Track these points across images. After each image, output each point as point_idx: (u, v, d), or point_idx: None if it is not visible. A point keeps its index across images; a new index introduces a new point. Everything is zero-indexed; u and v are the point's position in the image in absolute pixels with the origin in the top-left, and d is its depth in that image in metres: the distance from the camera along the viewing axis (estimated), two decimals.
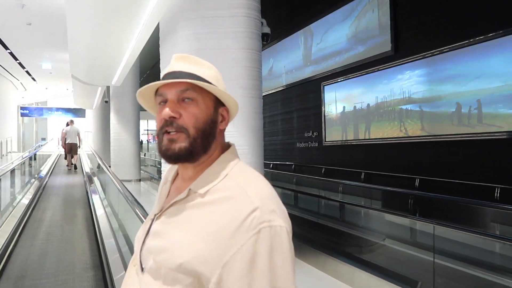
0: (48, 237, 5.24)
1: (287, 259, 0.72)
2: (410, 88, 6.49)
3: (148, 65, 14.80)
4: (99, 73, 7.46)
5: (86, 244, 4.91)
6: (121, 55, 5.87)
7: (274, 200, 0.77)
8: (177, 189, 0.89)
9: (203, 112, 0.83)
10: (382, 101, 7.10)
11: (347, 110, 8.05)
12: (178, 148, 0.81)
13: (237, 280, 0.69)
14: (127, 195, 4.13)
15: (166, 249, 0.78)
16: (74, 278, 3.75)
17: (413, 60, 6.30)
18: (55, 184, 10.56)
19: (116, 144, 11.70)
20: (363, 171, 7.28)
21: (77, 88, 12.58)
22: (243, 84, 3.78)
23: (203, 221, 0.76)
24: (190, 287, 0.74)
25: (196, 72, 0.84)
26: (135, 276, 0.86)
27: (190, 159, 0.83)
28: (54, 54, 11.08)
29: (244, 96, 3.78)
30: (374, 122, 7.29)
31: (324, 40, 8.53)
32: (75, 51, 6.52)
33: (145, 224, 0.91)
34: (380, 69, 6.96)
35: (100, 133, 16.56)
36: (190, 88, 0.82)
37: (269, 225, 0.71)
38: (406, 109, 6.57)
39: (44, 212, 6.85)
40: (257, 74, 3.91)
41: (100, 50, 6.08)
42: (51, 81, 16.53)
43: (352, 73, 7.75)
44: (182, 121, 0.81)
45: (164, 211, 0.85)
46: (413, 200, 4.96)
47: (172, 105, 0.82)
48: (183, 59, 0.87)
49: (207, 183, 0.81)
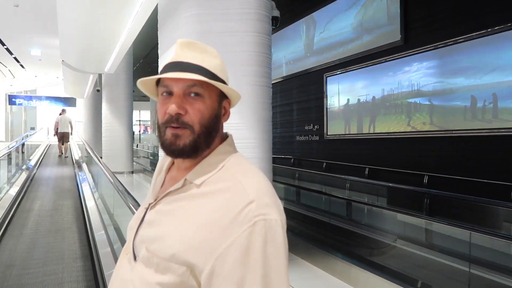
0: (37, 226, 5.17)
1: (281, 253, 0.72)
2: (419, 80, 6.20)
3: (142, 54, 14.33)
4: (91, 59, 7.01)
5: (76, 234, 4.81)
6: (116, 39, 5.47)
7: (270, 193, 0.77)
8: (172, 178, 0.88)
9: (208, 108, 0.81)
10: (389, 94, 6.81)
11: (351, 102, 7.74)
12: (183, 144, 0.80)
13: (230, 271, 0.69)
14: (118, 185, 3.95)
15: (160, 238, 0.78)
16: (64, 267, 3.74)
17: (424, 50, 5.99)
18: (43, 176, 10.14)
19: (108, 134, 11.30)
20: (367, 167, 7.00)
21: (67, 75, 12.11)
22: (251, 71, 3.45)
23: (198, 212, 0.76)
24: (182, 276, 0.73)
25: (202, 63, 0.81)
26: (127, 264, 0.85)
27: (194, 155, 0.82)
28: (43, 39, 10.58)
29: (251, 85, 3.44)
30: (379, 115, 7.00)
31: (328, 29, 8.18)
32: (66, 35, 6.10)
33: (139, 213, 0.90)
34: (388, 60, 6.65)
35: (91, 123, 16.09)
36: (197, 83, 0.79)
37: (264, 218, 0.71)
38: (415, 102, 6.28)
39: (33, 202, 6.68)
40: (266, 60, 3.57)
41: (93, 34, 5.66)
42: (41, 68, 15.96)
43: (357, 64, 7.43)
44: (189, 118, 0.80)
45: (158, 200, 0.85)
46: (428, 199, 4.68)
47: (178, 101, 0.79)
48: (188, 46, 0.84)
49: (203, 174, 0.80)
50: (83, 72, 9.68)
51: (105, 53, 6.06)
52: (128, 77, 11.32)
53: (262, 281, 0.69)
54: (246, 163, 0.85)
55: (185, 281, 0.73)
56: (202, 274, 0.71)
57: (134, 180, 10.54)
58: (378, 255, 4.11)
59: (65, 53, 7.02)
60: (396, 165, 6.46)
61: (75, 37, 5.99)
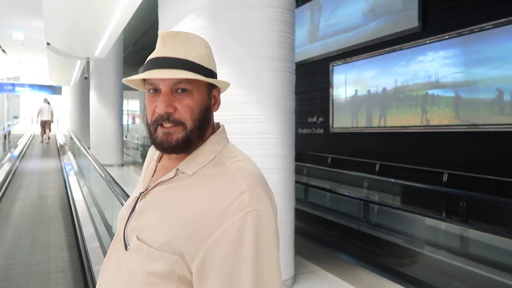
0: (22, 217, 5.13)
1: (272, 243, 0.73)
2: (438, 70, 5.74)
3: (131, 40, 13.60)
4: (80, 41, 6.34)
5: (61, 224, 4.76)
6: (109, 17, 4.85)
7: (262, 184, 0.78)
8: (163, 167, 0.88)
9: (198, 102, 0.80)
10: (402, 85, 6.34)
11: (359, 93, 7.27)
12: (175, 141, 0.79)
13: (221, 261, 0.69)
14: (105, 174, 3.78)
15: (151, 227, 0.78)
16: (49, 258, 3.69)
17: (446, 38, 5.52)
18: (26, 169, 9.49)
19: (97, 125, 10.66)
20: (377, 162, 6.56)
21: (53, 61, 11.36)
22: (273, 54, 2.92)
23: (190, 201, 0.76)
24: (173, 265, 0.73)
25: (187, 56, 0.79)
26: (118, 253, 0.83)
27: (187, 150, 0.81)
28: (26, 21, 9.81)
29: (273, 70, 2.92)
30: (391, 108, 6.54)
31: (335, 15, 7.65)
32: (52, 13, 5.45)
33: (129, 202, 0.89)
34: (403, 48, 6.17)
35: (78, 113, 15.35)
36: (184, 79, 0.78)
37: (256, 209, 0.72)
38: (433, 94, 5.83)
39: (18, 192, 6.58)
40: (290, 41, 3.05)
41: (82, 11, 5.03)
42: (24, 53, 15.07)
43: (367, 53, 6.94)
44: (179, 115, 0.79)
45: (150, 190, 0.84)
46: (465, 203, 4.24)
47: (166, 99, 0.78)
48: (171, 38, 0.81)
49: (196, 164, 0.80)
50: (70, 57, 8.98)
51: (95, 34, 5.42)
52: (118, 64, 10.65)
53: (253, 271, 0.69)
54: (239, 153, 0.84)
55: (176, 269, 0.73)
56: (194, 263, 0.72)
57: (125, 174, 9.95)
58: (409, 265, 3.66)
59: (51, 35, 6.34)
60: (410, 161, 6.02)
61: (62, 15, 5.35)
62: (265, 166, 2.88)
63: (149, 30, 11.96)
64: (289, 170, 3.01)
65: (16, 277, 3.27)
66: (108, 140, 10.42)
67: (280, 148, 2.93)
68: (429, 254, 3.75)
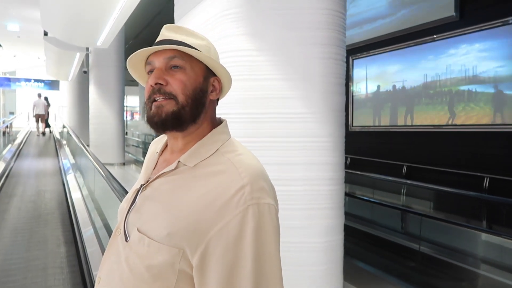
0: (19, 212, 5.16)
1: (272, 237, 0.73)
2: (476, 64, 5.20)
3: (132, 34, 12.99)
4: (81, 28, 5.72)
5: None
6: (113, 3, 4.27)
7: (264, 178, 0.77)
8: (165, 161, 0.88)
9: (191, 79, 0.81)
10: (433, 80, 5.81)
11: (381, 89, 6.73)
12: (165, 113, 0.79)
13: (221, 254, 0.70)
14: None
15: (152, 219, 0.78)
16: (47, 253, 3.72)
17: (487, 27, 4.99)
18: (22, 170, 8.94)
19: (97, 121, 10.08)
20: (404, 164, 6.04)
21: (50, 54, 10.77)
22: (323, 38, 2.38)
23: (191, 194, 0.75)
24: (174, 258, 0.73)
25: (185, 41, 0.82)
26: (118, 244, 0.82)
27: (178, 127, 0.81)
28: (22, 11, 9.20)
29: (323, 58, 2.38)
30: (420, 105, 6.01)
31: (357, 5, 7.09)
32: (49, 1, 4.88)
33: (130, 194, 0.89)
34: (436, 39, 5.62)
35: (77, 109, 14.76)
36: (177, 55, 0.80)
37: (258, 202, 0.72)
38: (469, 90, 5.30)
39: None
40: (341, 22, 2.50)
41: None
42: (20, 46, 14.44)
43: (392, 45, 6.40)
44: (170, 88, 0.80)
45: (151, 182, 0.84)
46: None
47: (158, 72, 0.80)
48: (174, 29, 0.85)
49: (197, 157, 0.80)
50: (69, 48, 8.40)
51: (98, 20, 4.82)
52: (119, 57, 10.06)
53: (253, 265, 0.69)
54: (241, 147, 0.84)
55: (176, 262, 0.73)
56: (195, 256, 0.72)
57: (126, 173, 9.40)
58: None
59: (48, 22, 5.74)
60: (443, 163, 5.50)
61: (59, 1, 4.78)
62: (311, 176, 2.35)
63: (152, 23, 11.38)
64: (340, 180, 2.47)
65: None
66: (108, 138, 9.85)
67: (331, 154, 2.39)
68: (492, 276, 3.23)
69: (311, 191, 2.35)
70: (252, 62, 2.36)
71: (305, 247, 2.35)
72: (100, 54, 9.55)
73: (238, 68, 2.38)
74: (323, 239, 2.38)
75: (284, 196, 2.32)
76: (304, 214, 2.35)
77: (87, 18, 4.96)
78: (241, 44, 2.38)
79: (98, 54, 9.57)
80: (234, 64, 2.40)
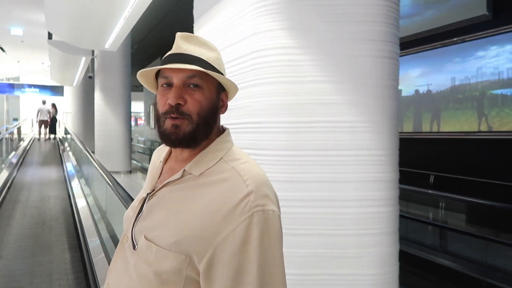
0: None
1: (277, 243, 0.75)
2: (510, 66, 4.84)
3: (137, 38, 12.70)
4: (88, 30, 5.39)
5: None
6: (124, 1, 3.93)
7: (268, 185, 0.79)
8: (170, 169, 0.90)
9: (207, 99, 0.83)
10: (462, 83, 5.44)
11: (404, 94, 6.37)
12: (182, 133, 0.81)
13: (228, 260, 0.71)
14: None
15: (159, 227, 0.79)
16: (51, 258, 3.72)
17: None
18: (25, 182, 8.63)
19: (102, 128, 9.77)
20: (431, 173, 5.65)
21: (55, 59, 10.48)
22: (375, 33, 2.02)
23: (197, 202, 0.77)
24: (181, 264, 0.74)
25: (201, 56, 0.84)
26: (126, 252, 0.85)
27: (192, 145, 0.83)
28: (25, 14, 8.92)
29: (376, 56, 2.02)
30: (447, 110, 5.64)
31: None
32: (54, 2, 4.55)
33: (136, 202, 0.91)
34: (466, 39, 5.26)
35: (82, 115, 14.46)
36: (197, 74, 0.82)
37: (262, 209, 0.74)
38: (504, 94, 4.93)
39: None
40: (395, 16, 2.14)
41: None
42: (23, 51, 14.15)
43: (414, 47, 6.04)
44: (187, 108, 0.81)
45: (157, 191, 0.86)
46: None
47: (178, 91, 0.81)
48: (188, 39, 0.86)
49: (202, 165, 0.82)
50: (74, 51, 8.07)
51: (107, 20, 4.47)
52: (125, 62, 9.76)
53: (259, 270, 0.71)
54: (244, 155, 0.86)
55: (184, 269, 0.74)
56: (201, 262, 0.73)
57: (133, 181, 9.06)
58: None
59: (53, 23, 5.41)
60: (474, 173, 5.12)
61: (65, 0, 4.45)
62: (363, 196, 1.98)
63: (157, 27, 11.09)
64: (395, 200, 2.10)
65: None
66: (114, 145, 9.54)
67: (387, 170, 2.02)
68: None
69: (364, 213, 1.98)
70: (293, 62, 2.00)
71: (357, 280, 1.97)
72: (106, 59, 9.25)
73: (275, 69, 2.03)
74: (377, 270, 2.00)
75: (332, 219, 1.96)
76: (356, 241, 1.98)
77: (95, 18, 4.63)
78: (280, 41, 2.02)
79: (104, 58, 9.27)
80: (269, 64, 2.04)
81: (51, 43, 7.44)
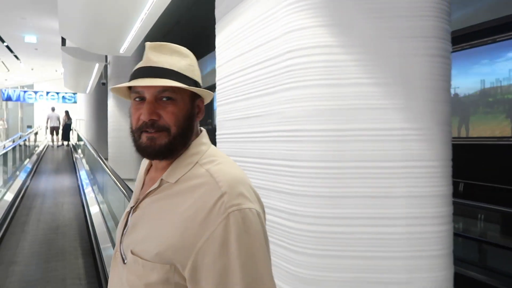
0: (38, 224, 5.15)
1: (259, 241, 0.74)
2: None
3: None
4: (102, 35, 5.24)
5: None
6: (140, 4, 3.76)
7: (243, 183, 0.78)
8: (151, 179, 0.89)
9: (182, 110, 0.82)
10: (493, 86, 5.16)
11: None
12: (159, 145, 0.81)
13: (211, 264, 0.72)
14: None
15: (142, 240, 0.80)
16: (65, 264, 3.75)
17: None
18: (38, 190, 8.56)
19: (116, 135, 9.65)
20: (461, 181, 5.36)
21: (68, 66, 10.43)
22: (423, 29, 1.79)
23: (175, 210, 0.77)
24: (167, 274, 0.75)
25: (173, 66, 0.82)
26: (118, 266, 0.85)
27: (170, 156, 0.83)
28: (38, 21, 8.87)
29: (426, 55, 1.80)
30: (476, 114, 5.36)
31: None
32: (68, 6, 4.42)
33: (123, 216, 0.91)
34: (497, 40, 4.98)
35: (95, 122, 14.41)
36: (169, 88, 0.81)
37: (238, 208, 0.73)
38: None
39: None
40: (446, 8, 1.91)
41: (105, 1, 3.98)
42: (37, 59, 14.20)
43: None
44: (163, 122, 0.81)
45: (139, 203, 0.86)
46: None
47: (151, 107, 0.80)
48: (158, 49, 0.84)
49: (178, 172, 0.82)
50: (87, 58, 7.99)
51: (122, 25, 4.31)
52: None
53: (242, 269, 0.71)
54: (220, 155, 0.85)
55: (171, 277, 0.75)
56: (185, 269, 0.73)
57: None
58: None
59: (67, 28, 5.29)
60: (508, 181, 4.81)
61: (80, 4, 4.32)
62: (414, 213, 1.74)
63: (171, 33, 10.99)
64: (449, 218, 1.86)
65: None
66: (128, 152, 9.39)
67: (441, 183, 1.79)
68: None
69: (415, 233, 1.74)
70: (333, 62, 1.78)
71: None
72: (119, 65, 9.15)
73: (313, 70, 1.81)
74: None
75: (379, 240, 1.72)
76: (406, 264, 1.74)
77: (110, 23, 4.48)
78: (317, 39, 1.81)
79: (116, 65, 9.17)
80: (306, 65, 1.83)
81: (64, 50, 7.35)
